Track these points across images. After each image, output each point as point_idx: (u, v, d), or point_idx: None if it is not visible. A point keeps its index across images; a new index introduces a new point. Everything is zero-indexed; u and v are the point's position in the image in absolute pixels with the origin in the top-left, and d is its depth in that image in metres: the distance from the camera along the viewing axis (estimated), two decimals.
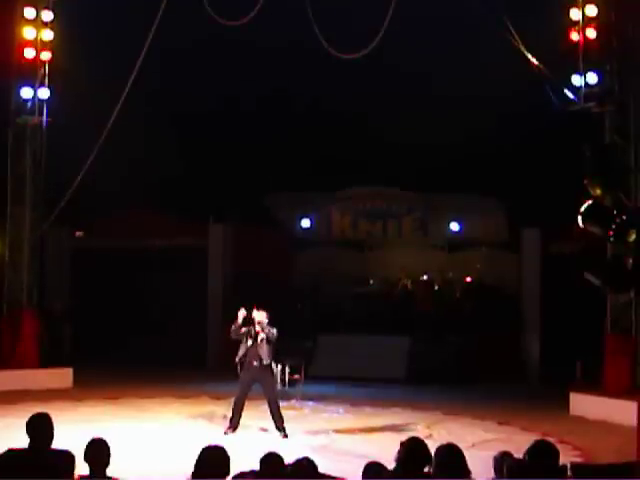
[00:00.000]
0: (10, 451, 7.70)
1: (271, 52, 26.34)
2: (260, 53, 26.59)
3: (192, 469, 6.99)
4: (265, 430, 17.22)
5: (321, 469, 7.39)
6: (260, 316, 17.06)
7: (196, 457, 6.99)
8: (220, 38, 23.62)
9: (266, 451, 7.42)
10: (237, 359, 17.13)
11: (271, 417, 16.97)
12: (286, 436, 16.80)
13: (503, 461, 7.61)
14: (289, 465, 7.23)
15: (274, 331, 17.02)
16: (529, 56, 20.69)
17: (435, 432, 17.41)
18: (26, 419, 8.15)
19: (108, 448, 7.63)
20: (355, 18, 22.17)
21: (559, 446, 7.78)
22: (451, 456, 7.32)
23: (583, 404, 20.34)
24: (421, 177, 28.81)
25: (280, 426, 16.90)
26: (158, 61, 23.36)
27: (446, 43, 25.47)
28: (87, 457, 7.55)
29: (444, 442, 7.67)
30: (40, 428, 7.94)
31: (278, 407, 17.06)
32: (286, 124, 28.34)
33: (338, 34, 21.74)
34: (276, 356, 18.00)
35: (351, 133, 28.42)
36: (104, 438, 7.74)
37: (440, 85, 26.12)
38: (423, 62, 25.81)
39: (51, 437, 7.95)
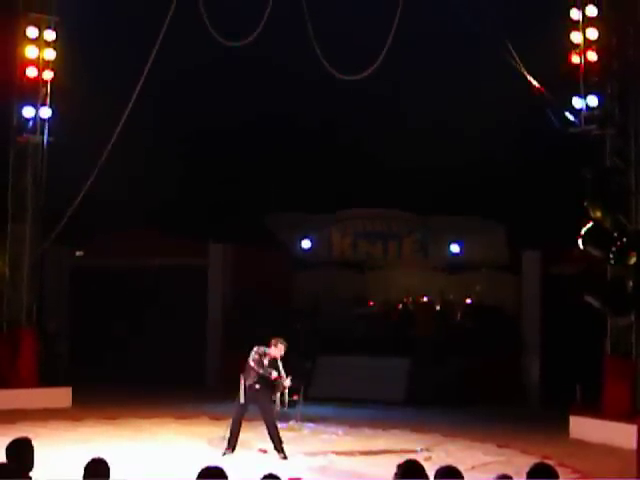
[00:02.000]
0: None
1: (272, 73, 26.41)
2: (261, 74, 26.66)
3: None
4: (264, 451, 17.18)
5: None
6: (274, 351, 17.07)
7: (195, 478, 6.96)
8: (222, 59, 23.69)
9: (265, 472, 7.38)
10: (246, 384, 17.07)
11: (270, 439, 16.92)
12: (285, 457, 16.74)
13: None
14: None
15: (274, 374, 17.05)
16: (530, 78, 20.75)
17: (434, 454, 17.35)
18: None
19: (107, 468, 7.57)
20: (356, 41, 22.25)
21: (559, 469, 7.74)
22: (451, 478, 7.28)
23: (583, 427, 20.29)
24: (421, 199, 28.81)
25: (279, 447, 16.84)
26: (160, 81, 23.43)
27: (447, 66, 25.53)
28: (86, 477, 7.50)
29: (444, 464, 7.63)
30: (20, 454, 7.76)
31: (276, 429, 16.99)
32: (287, 145, 28.37)
33: (339, 56, 21.81)
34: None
35: (352, 154, 28.44)
36: (104, 458, 7.68)
37: (440, 107, 26.14)
38: (423, 84, 25.87)
39: (31, 462, 7.79)
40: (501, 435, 20.07)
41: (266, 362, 16.92)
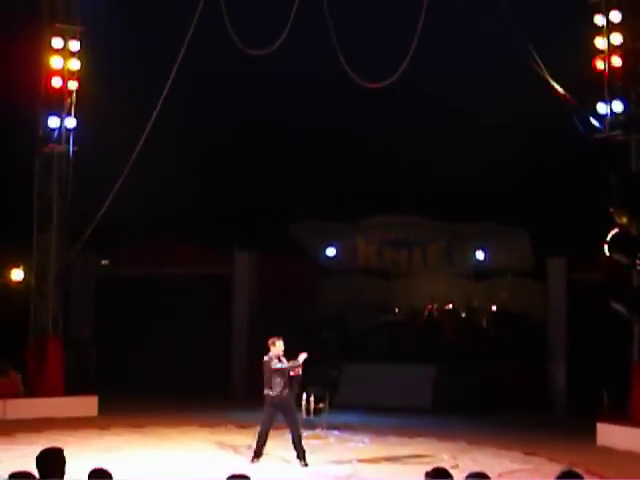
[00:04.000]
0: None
1: (296, 81, 26.44)
2: (285, 82, 26.70)
3: None
4: (288, 461, 17.14)
5: None
6: (281, 349, 17.07)
7: None
8: (245, 67, 23.73)
9: None
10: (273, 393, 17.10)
11: (293, 446, 16.91)
12: (306, 465, 16.72)
13: None
14: None
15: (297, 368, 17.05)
16: (555, 84, 20.69)
17: (461, 462, 17.28)
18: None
19: (110, 478, 7.31)
20: (379, 49, 22.27)
21: (586, 477, 7.72)
22: None
23: (610, 434, 20.16)
24: (446, 205, 28.76)
25: (301, 456, 16.83)
26: (184, 89, 23.49)
27: (471, 71, 25.50)
28: None
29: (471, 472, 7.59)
30: (51, 464, 7.49)
31: (300, 437, 16.99)
32: (312, 153, 28.36)
33: (363, 62, 21.81)
34: (301, 386, 17.98)
35: (376, 162, 28.43)
36: (105, 468, 7.38)
37: (465, 113, 26.12)
38: (447, 91, 25.84)
39: (62, 473, 7.51)
40: (528, 442, 19.97)
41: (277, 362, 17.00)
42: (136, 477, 14.06)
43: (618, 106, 20.74)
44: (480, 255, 31.31)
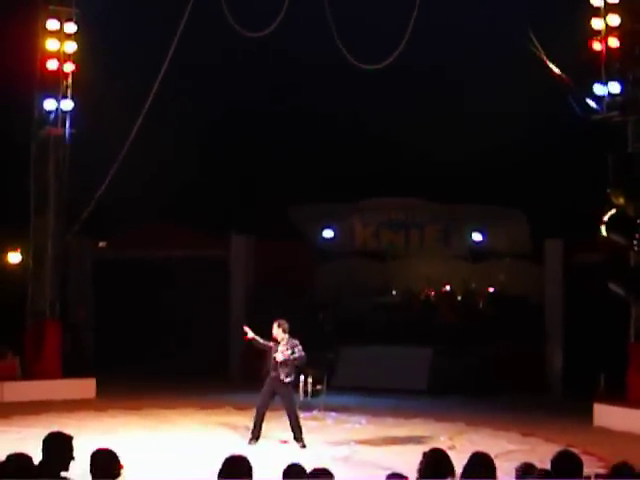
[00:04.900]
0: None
1: (292, 64, 26.38)
2: (281, 64, 26.64)
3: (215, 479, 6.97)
4: (285, 442, 17.19)
5: None
6: (276, 332, 17.13)
7: (219, 467, 6.97)
8: (241, 49, 23.68)
9: (289, 462, 7.39)
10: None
11: (290, 428, 16.97)
12: (304, 446, 16.79)
13: (526, 472, 7.55)
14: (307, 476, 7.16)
15: (301, 354, 17.06)
16: (552, 66, 20.66)
17: (458, 443, 17.33)
18: (49, 430, 7.90)
19: (116, 459, 7.27)
20: (376, 30, 22.21)
21: (583, 457, 7.73)
22: (483, 465, 7.26)
23: (607, 415, 20.22)
24: (444, 187, 28.72)
25: (298, 437, 16.90)
26: (181, 72, 23.45)
27: (468, 54, 25.44)
28: (93, 469, 7.23)
29: (468, 453, 7.59)
30: (56, 449, 7.43)
31: (297, 418, 17.06)
32: (309, 135, 28.32)
33: (360, 45, 21.78)
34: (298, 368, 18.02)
35: (374, 144, 28.38)
36: (111, 449, 7.35)
37: (462, 96, 26.08)
38: (445, 73, 25.81)
39: (68, 460, 7.42)
40: (525, 424, 20.04)
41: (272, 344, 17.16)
42: (134, 458, 14.08)
43: (615, 87, 20.70)
44: (478, 237, 31.27)
